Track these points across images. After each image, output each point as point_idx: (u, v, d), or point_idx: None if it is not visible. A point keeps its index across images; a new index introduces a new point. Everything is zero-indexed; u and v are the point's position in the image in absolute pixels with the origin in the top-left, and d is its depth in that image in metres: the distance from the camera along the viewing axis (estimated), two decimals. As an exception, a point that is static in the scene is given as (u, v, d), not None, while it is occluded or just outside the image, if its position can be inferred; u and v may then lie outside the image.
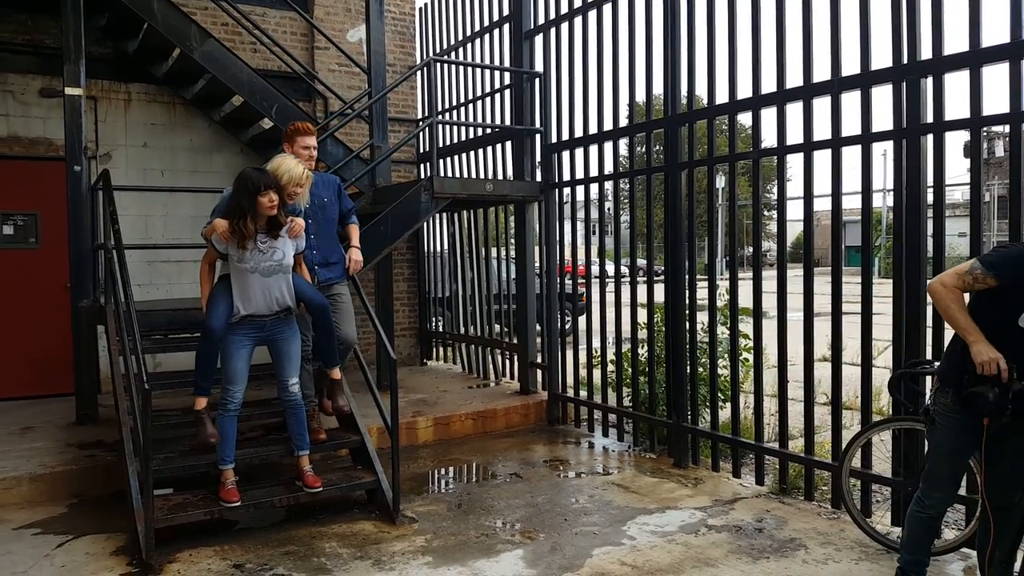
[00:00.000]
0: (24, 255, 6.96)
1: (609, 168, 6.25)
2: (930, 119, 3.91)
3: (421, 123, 7.95)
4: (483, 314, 8.15)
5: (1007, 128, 3.67)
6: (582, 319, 7.12)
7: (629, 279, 6.01)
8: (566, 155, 6.56)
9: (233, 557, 3.83)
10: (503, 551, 3.91)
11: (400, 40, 8.75)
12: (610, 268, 8.93)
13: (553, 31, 6.61)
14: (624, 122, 5.95)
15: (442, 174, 8.19)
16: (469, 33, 8.00)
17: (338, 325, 4.61)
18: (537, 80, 6.78)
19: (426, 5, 8.95)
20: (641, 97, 5.77)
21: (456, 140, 8.43)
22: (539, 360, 7.03)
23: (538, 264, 6.98)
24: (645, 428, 5.91)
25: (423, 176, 8.53)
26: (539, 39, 6.78)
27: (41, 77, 6.87)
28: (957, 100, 3.92)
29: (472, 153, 8.10)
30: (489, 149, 7.77)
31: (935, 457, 3.12)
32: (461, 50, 8.17)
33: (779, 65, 4.64)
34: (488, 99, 7.77)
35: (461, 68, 8.24)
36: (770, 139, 5.00)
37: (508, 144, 7.31)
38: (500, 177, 7.50)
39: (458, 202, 6.95)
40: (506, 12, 7.23)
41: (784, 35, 4.60)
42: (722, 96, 5.02)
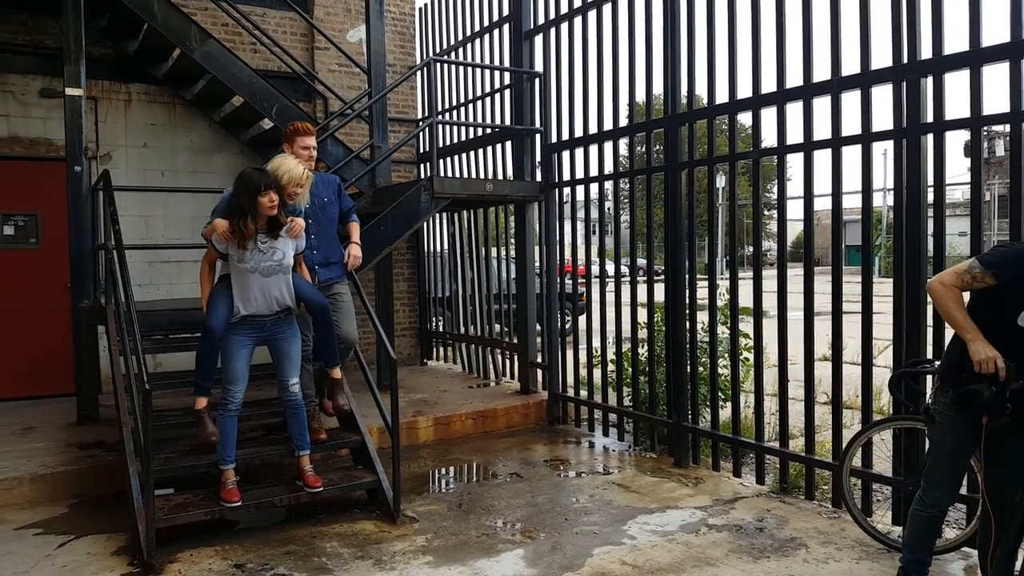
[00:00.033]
0: (25, 255, 6.96)
1: (609, 168, 6.25)
2: (930, 118, 3.92)
3: (421, 123, 7.95)
4: (483, 314, 8.15)
5: (1007, 127, 3.67)
6: (582, 319, 7.12)
7: (629, 279, 6.01)
8: (566, 155, 6.56)
9: (234, 557, 3.84)
10: (504, 551, 3.91)
11: (400, 40, 8.76)
12: (610, 268, 8.92)
13: (553, 31, 6.61)
14: (624, 122, 5.95)
15: (442, 174, 8.19)
16: (469, 33, 8.00)
17: (339, 324, 4.61)
18: (537, 80, 6.78)
19: (426, 5, 8.95)
20: (641, 97, 5.78)
21: (456, 140, 8.43)
22: (539, 360, 7.03)
23: (538, 264, 6.98)
24: (645, 428, 5.91)
25: (423, 176, 8.53)
26: (539, 39, 6.78)
27: (41, 77, 6.87)
28: (957, 99, 3.92)
29: (472, 153, 8.10)
30: (489, 149, 7.77)
31: (935, 456, 3.12)
32: (461, 50, 8.17)
33: (779, 65, 4.64)
34: (488, 99, 7.77)
35: (461, 68, 8.24)
36: (770, 139, 5.00)
37: (508, 144, 7.31)
38: (500, 177, 7.50)
39: (458, 202, 6.95)
40: (506, 12, 7.23)
41: (784, 35, 4.60)
42: (722, 96, 5.03)
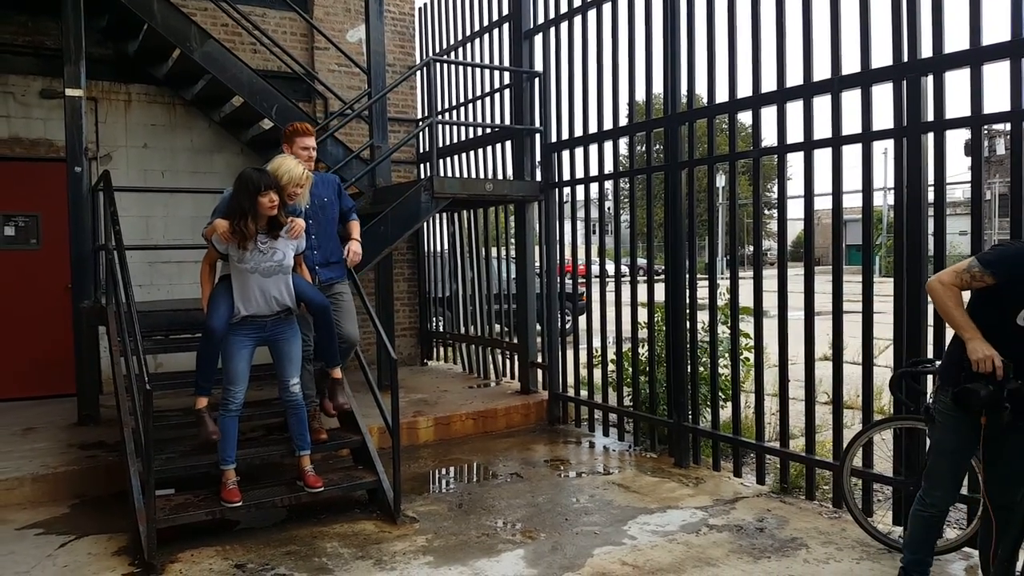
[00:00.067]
0: (25, 256, 6.96)
1: (609, 167, 6.24)
2: (931, 117, 3.91)
3: (421, 123, 7.95)
4: (483, 314, 8.15)
5: (1008, 126, 3.67)
6: (582, 319, 7.12)
7: (629, 278, 6.01)
8: (566, 154, 6.56)
9: (235, 557, 3.84)
10: (504, 551, 3.91)
11: (400, 40, 8.75)
12: (610, 268, 8.93)
13: (553, 30, 6.61)
14: (624, 121, 5.95)
15: (442, 174, 8.19)
16: (469, 33, 8.00)
17: (340, 324, 4.61)
18: (537, 80, 6.77)
19: (425, 5, 8.95)
20: (641, 96, 5.77)
21: (456, 140, 8.43)
22: (539, 360, 7.03)
23: (538, 264, 6.98)
24: (646, 428, 5.91)
25: (423, 176, 8.53)
26: (539, 39, 6.78)
27: (42, 78, 6.87)
28: (958, 98, 3.93)
29: (472, 153, 8.10)
30: (489, 149, 7.77)
31: (935, 456, 3.12)
32: (461, 50, 8.17)
33: (779, 64, 4.63)
34: (488, 99, 7.76)
35: (461, 68, 8.24)
36: (770, 138, 4.99)
37: (508, 144, 7.31)
38: (500, 177, 7.50)
39: (458, 202, 6.95)
40: (505, 12, 7.22)
41: (784, 34, 4.60)
42: (722, 95, 5.02)
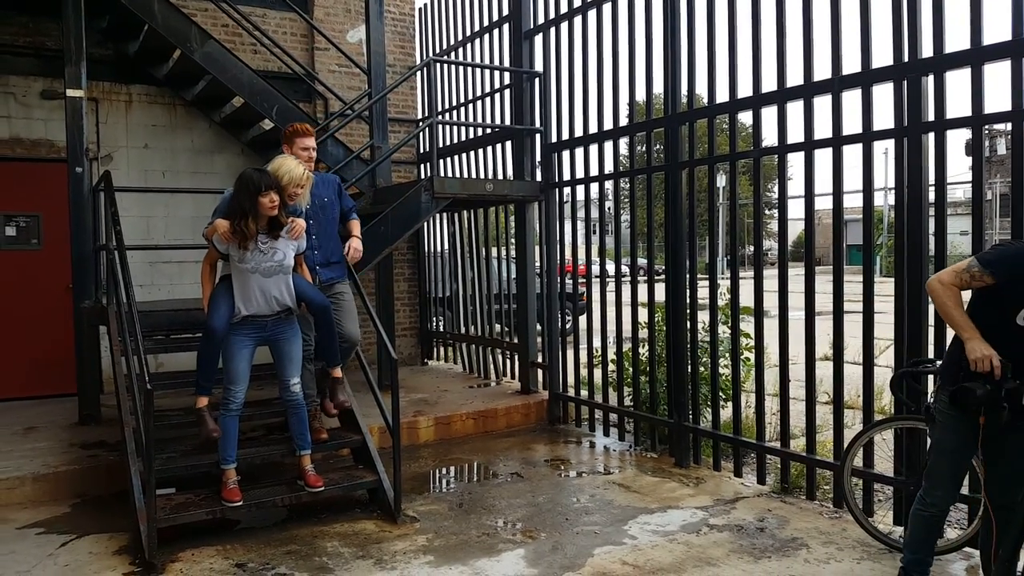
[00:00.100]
0: (26, 256, 6.97)
1: (609, 167, 6.25)
2: (931, 117, 3.91)
3: (421, 123, 7.95)
4: (484, 314, 8.15)
5: (1009, 126, 3.67)
6: (583, 319, 7.13)
7: (629, 278, 6.01)
8: (566, 155, 6.56)
9: (235, 556, 3.84)
10: (504, 550, 3.91)
11: (400, 40, 8.76)
12: (611, 267, 8.93)
13: (553, 31, 6.61)
14: (624, 121, 5.94)
15: (442, 174, 8.19)
16: (469, 33, 8.00)
17: (341, 324, 4.61)
18: (537, 80, 6.78)
19: (426, 5, 8.95)
20: (641, 96, 5.77)
21: (456, 140, 8.43)
22: (540, 360, 7.03)
23: (538, 264, 6.98)
24: (646, 427, 5.91)
25: (423, 176, 8.54)
26: (539, 39, 6.78)
27: (42, 79, 6.88)
28: (958, 98, 3.92)
29: (472, 153, 8.10)
30: (489, 149, 7.77)
31: (936, 455, 3.12)
32: (461, 50, 8.17)
33: (779, 64, 4.63)
34: (488, 99, 7.77)
35: (461, 68, 8.24)
36: (771, 138, 4.99)
37: (508, 144, 7.31)
38: (500, 177, 7.50)
39: (458, 202, 6.95)
40: (506, 12, 7.22)
41: (784, 33, 4.59)
42: (722, 95, 5.02)
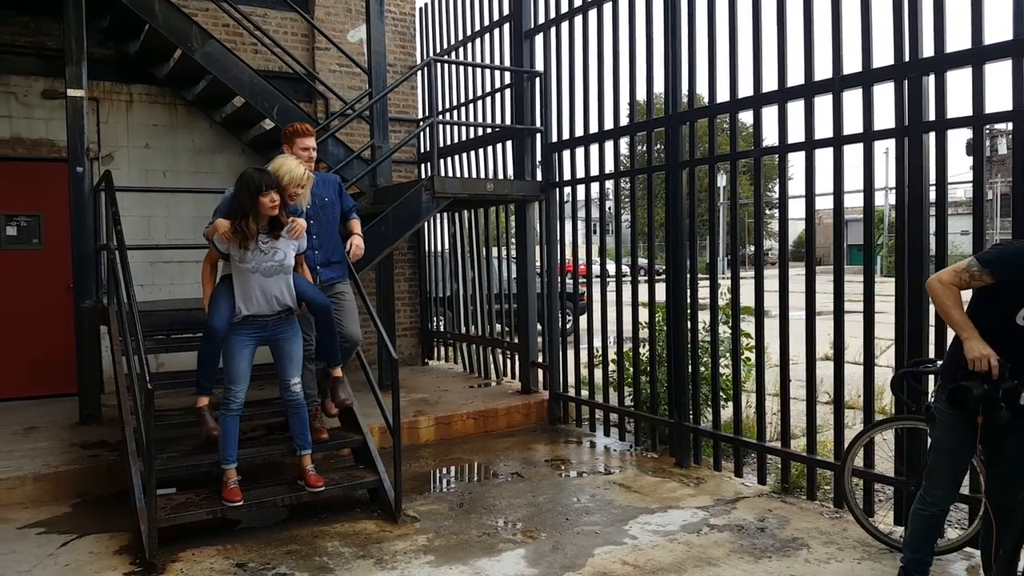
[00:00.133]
0: (27, 256, 6.97)
1: (610, 167, 6.25)
2: (932, 117, 3.91)
3: (422, 123, 7.95)
4: (484, 314, 8.15)
5: (1010, 126, 3.67)
6: (583, 318, 7.13)
7: (630, 278, 6.01)
8: (567, 154, 6.56)
9: (236, 556, 3.84)
10: (505, 550, 3.91)
11: (400, 40, 8.76)
12: (611, 267, 8.93)
13: (553, 30, 6.61)
14: (625, 121, 5.94)
15: (443, 174, 8.19)
16: (469, 33, 8.00)
17: (342, 324, 4.61)
18: (537, 79, 6.78)
19: (426, 5, 8.95)
20: (642, 96, 5.77)
21: (457, 140, 8.43)
22: (540, 360, 7.03)
23: (539, 263, 6.98)
24: (647, 427, 5.91)
25: (424, 176, 8.53)
26: (539, 38, 6.78)
27: (43, 79, 6.88)
28: (959, 98, 3.92)
29: (473, 153, 8.10)
30: (490, 149, 7.77)
31: (935, 454, 3.13)
32: (461, 50, 8.17)
33: (780, 63, 4.62)
34: (488, 99, 7.76)
35: (461, 68, 8.24)
36: (772, 137, 4.99)
37: (508, 144, 7.31)
38: (501, 177, 7.50)
39: (459, 202, 6.95)
40: (506, 12, 7.22)
41: (785, 33, 4.59)
42: (723, 94, 5.02)
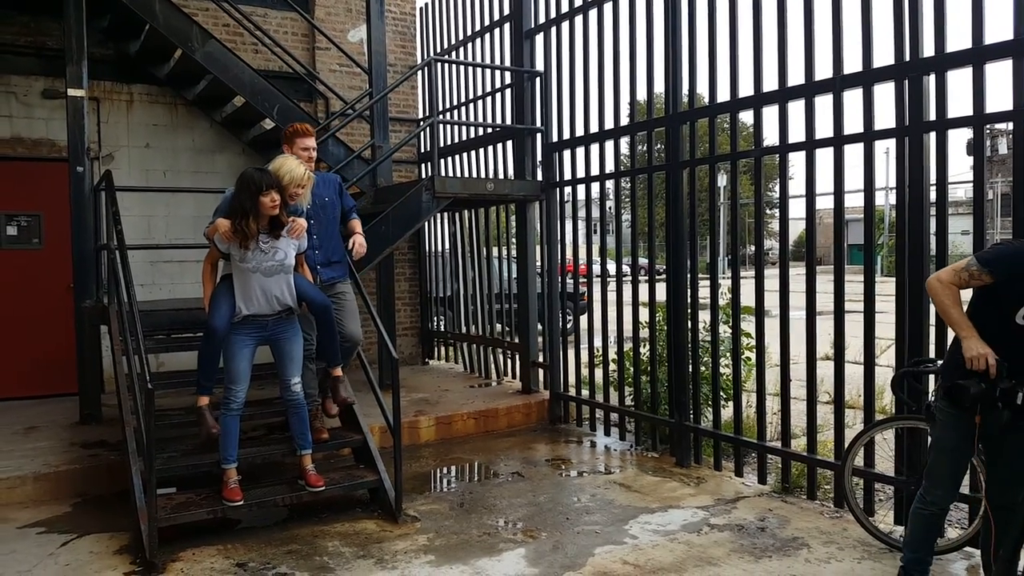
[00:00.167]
0: (27, 256, 6.97)
1: (610, 167, 6.24)
2: (933, 117, 3.91)
3: (422, 123, 7.95)
4: (484, 313, 8.15)
5: (1010, 125, 3.66)
6: (583, 318, 7.13)
7: (630, 278, 6.01)
8: (567, 154, 6.56)
9: (236, 556, 3.84)
10: (505, 550, 3.91)
11: (401, 40, 8.76)
12: (612, 267, 8.93)
13: (554, 30, 6.61)
14: (625, 121, 5.94)
15: (443, 174, 8.19)
16: (470, 33, 8.00)
17: (343, 323, 4.61)
18: (538, 79, 6.78)
19: (427, 5, 8.95)
20: (642, 95, 5.77)
21: (457, 140, 8.43)
22: (541, 359, 7.03)
23: (539, 263, 6.98)
24: (647, 427, 5.91)
25: (424, 176, 8.53)
26: (540, 38, 6.78)
27: (44, 78, 6.88)
28: (960, 97, 3.92)
29: (473, 152, 8.10)
30: (490, 148, 7.77)
31: (935, 454, 3.13)
32: (462, 50, 8.17)
33: (781, 63, 4.62)
34: (489, 98, 7.76)
35: (462, 68, 8.24)
36: (772, 137, 4.99)
37: (509, 143, 7.31)
38: (501, 176, 7.50)
39: (459, 201, 6.95)
40: (506, 11, 7.22)
41: (786, 33, 4.59)
42: (724, 94, 5.02)
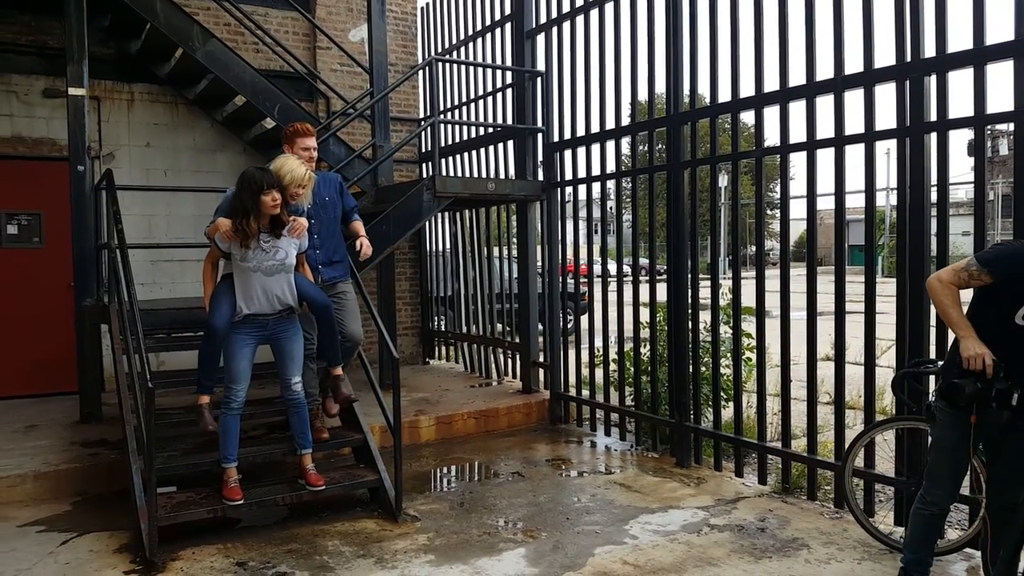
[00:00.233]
0: (28, 255, 6.98)
1: (611, 167, 6.25)
2: (934, 117, 3.90)
3: (423, 122, 7.95)
4: (485, 313, 8.15)
5: (1011, 126, 3.66)
6: (584, 318, 7.13)
7: (631, 278, 6.00)
8: (568, 154, 6.56)
9: (236, 555, 3.84)
10: (505, 550, 3.91)
11: (402, 39, 8.76)
12: (612, 267, 8.93)
13: (555, 30, 6.61)
14: (626, 121, 5.94)
15: (444, 173, 8.19)
16: (471, 32, 8.00)
17: (344, 323, 4.60)
18: (539, 79, 6.77)
19: (428, 4, 8.95)
20: (643, 95, 5.77)
21: (458, 139, 8.43)
22: (541, 359, 7.03)
23: (540, 263, 6.98)
24: (647, 427, 5.91)
25: (425, 175, 8.53)
26: (541, 38, 6.78)
27: (45, 78, 6.89)
28: (961, 98, 3.91)
29: (474, 152, 8.09)
30: (491, 148, 7.77)
31: (935, 454, 3.13)
32: (463, 49, 8.17)
33: (782, 63, 4.62)
34: (490, 98, 7.76)
35: (463, 67, 8.24)
36: (773, 138, 4.98)
37: (510, 143, 7.31)
38: (502, 176, 7.50)
39: (460, 201, 6.95)
40: (507, 11, 7.22)
41: (787, 33, 4.58)
42: (725, 94, 5.03)
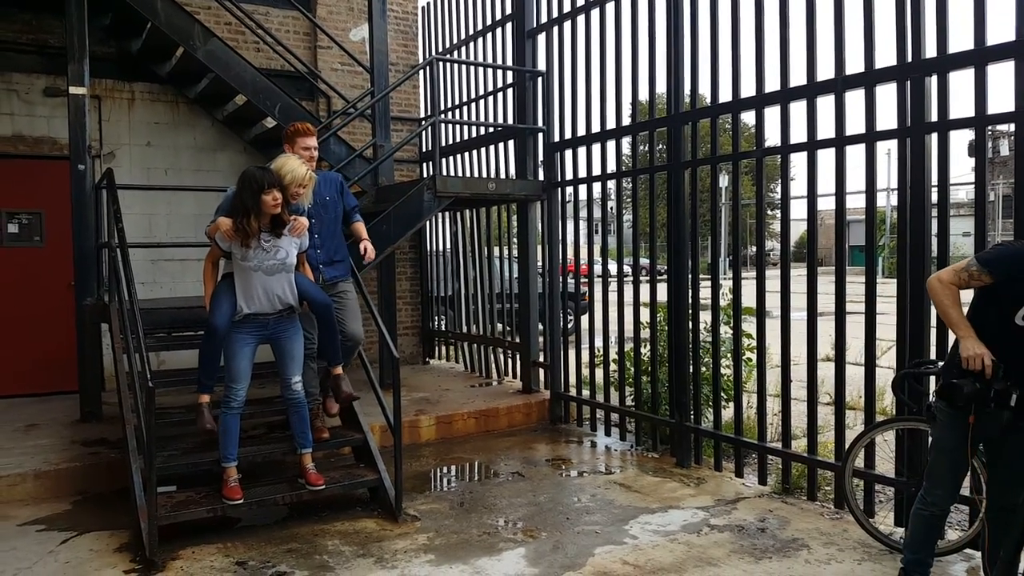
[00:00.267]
0: (29, 253, 6.98)
1: (612, 167, 6.25)
2: (935, 118, 3.90)
3: (424, 122, 7.95)
4: (485, 313, 8.15)
5: (1012, 127, 3.66)
6: (584, 318, 7.14)
7: (631, 278, 6.00)
8: (568, 154, 6.56)
9: (236, 554, 3.84)
10: (505, 549, 3.91)
11: (403, 39, 8.76)
12: (613, 267, 8.93)
13: (555, 30, 6.61)
14: (627, 121, 5.94)
15: (445, 173, 8.19)
16: (471, 32, 8.00)
17: (344, 323, 4.60)
18: (539, 79, 6.77)
19: (428, 4, 8.95)
20: (644, 95, 5.77)
21: (459, 139, 8.43)
22: (541, 359, 7.03)
23: (540, 263, 6.98)
24: (647, 427, 5.91)
25: (426, 175, 8.53)
26: (541, 38, 6.78)
27: (45, 76, 6.89)
28: (962, 98, 3.91)
29: (475, 152, 8.09)
30: (492, 148, 7.76)
31: (936, 454, 3.14)
32: (463, 49, 8.17)
33: (783, 63, 4.62)
34: (491, 98, 7.76)
35: (463, 67, 8.24)
36: (774, 138, 4.98)
37: (511, 143, 7.31)
38: (503, 176, 7.50)
39: (461, 201, 6.95)
40: (508, 11, 7.22)
41: (788, 33, 4.58)
42: (725, 95, 5.03)
